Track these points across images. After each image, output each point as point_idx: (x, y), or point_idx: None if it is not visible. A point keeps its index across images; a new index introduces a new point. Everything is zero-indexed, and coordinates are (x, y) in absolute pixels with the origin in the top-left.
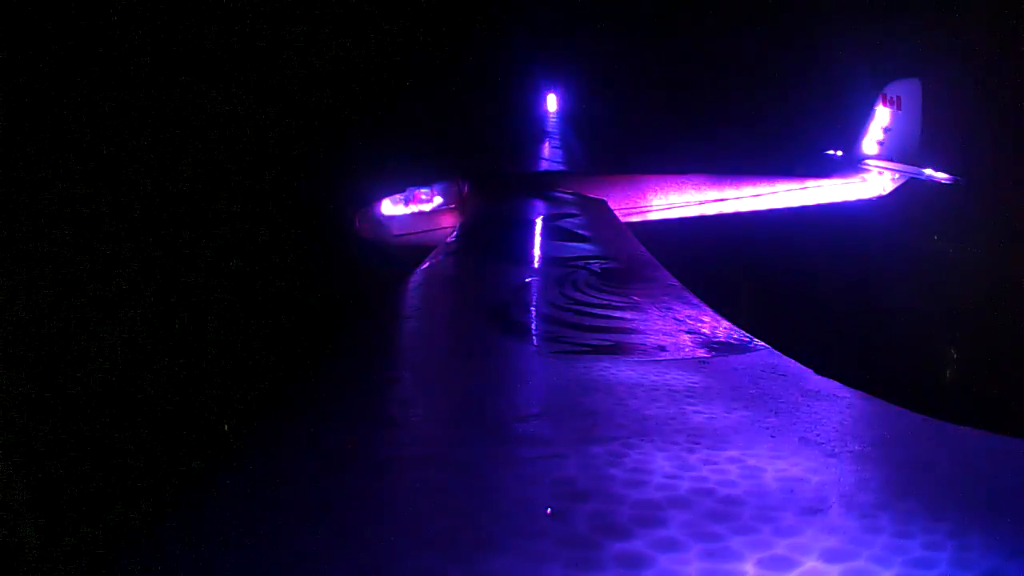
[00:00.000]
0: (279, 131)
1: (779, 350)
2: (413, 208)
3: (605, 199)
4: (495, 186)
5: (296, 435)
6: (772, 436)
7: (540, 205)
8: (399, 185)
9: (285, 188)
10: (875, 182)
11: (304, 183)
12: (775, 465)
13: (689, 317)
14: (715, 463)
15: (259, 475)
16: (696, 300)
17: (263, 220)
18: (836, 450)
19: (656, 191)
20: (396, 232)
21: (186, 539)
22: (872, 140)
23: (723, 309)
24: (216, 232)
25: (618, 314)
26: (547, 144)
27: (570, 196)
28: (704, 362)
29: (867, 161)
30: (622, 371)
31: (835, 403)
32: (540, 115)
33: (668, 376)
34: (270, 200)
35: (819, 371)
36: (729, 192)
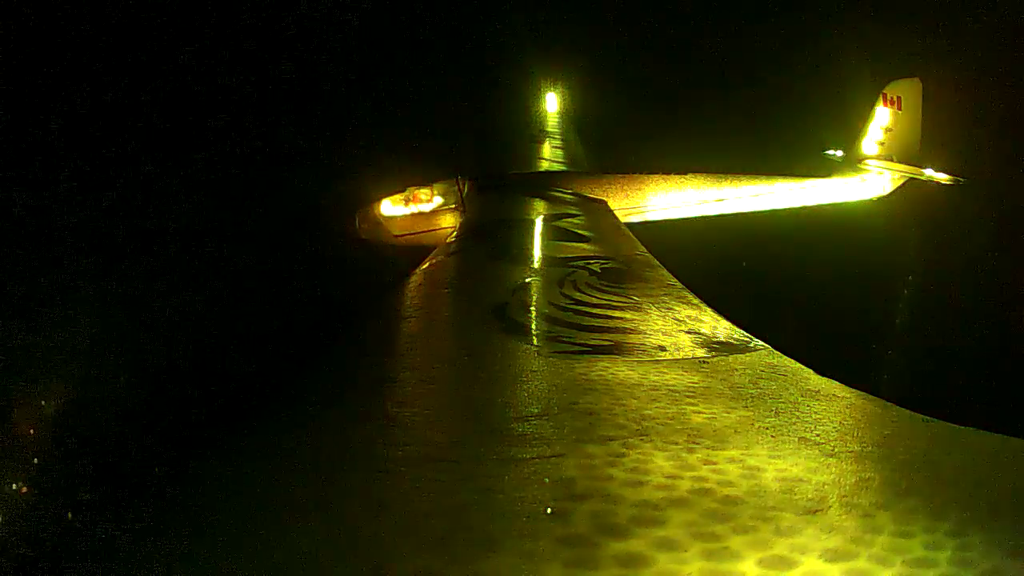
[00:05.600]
0: (279, 131)
1: (779, 350)
2: (413, 208)
3: (605, 199)
4: (495, 186)
5: (295, 435)
6: (772, 436)
7: (540, 205)
8: (399, 185)
9: (285, 188)
10: (875, 182)
11: (304, 183)
12: (775, 465)
13: (689, 317)
14: (715, 463)
15: (258, 475)
16: (696, 300)
17: (263, 220)
18: (836, 450)
19: (656, 191)
20: (396, 232)
21: (185, 540)
22: (872, 140)
23: (723, 309)
24: (215, 233)
25: (618, 314)
26: (547, 143)
27: (570, 196)
28: (704, 362)
29: (867, 161)
30: (622, 371)
31: (835, 403)
32: (540, 113)
33: (668, 376)
34: (270, 200)
35: (819, 371)
36: (729, 192)
